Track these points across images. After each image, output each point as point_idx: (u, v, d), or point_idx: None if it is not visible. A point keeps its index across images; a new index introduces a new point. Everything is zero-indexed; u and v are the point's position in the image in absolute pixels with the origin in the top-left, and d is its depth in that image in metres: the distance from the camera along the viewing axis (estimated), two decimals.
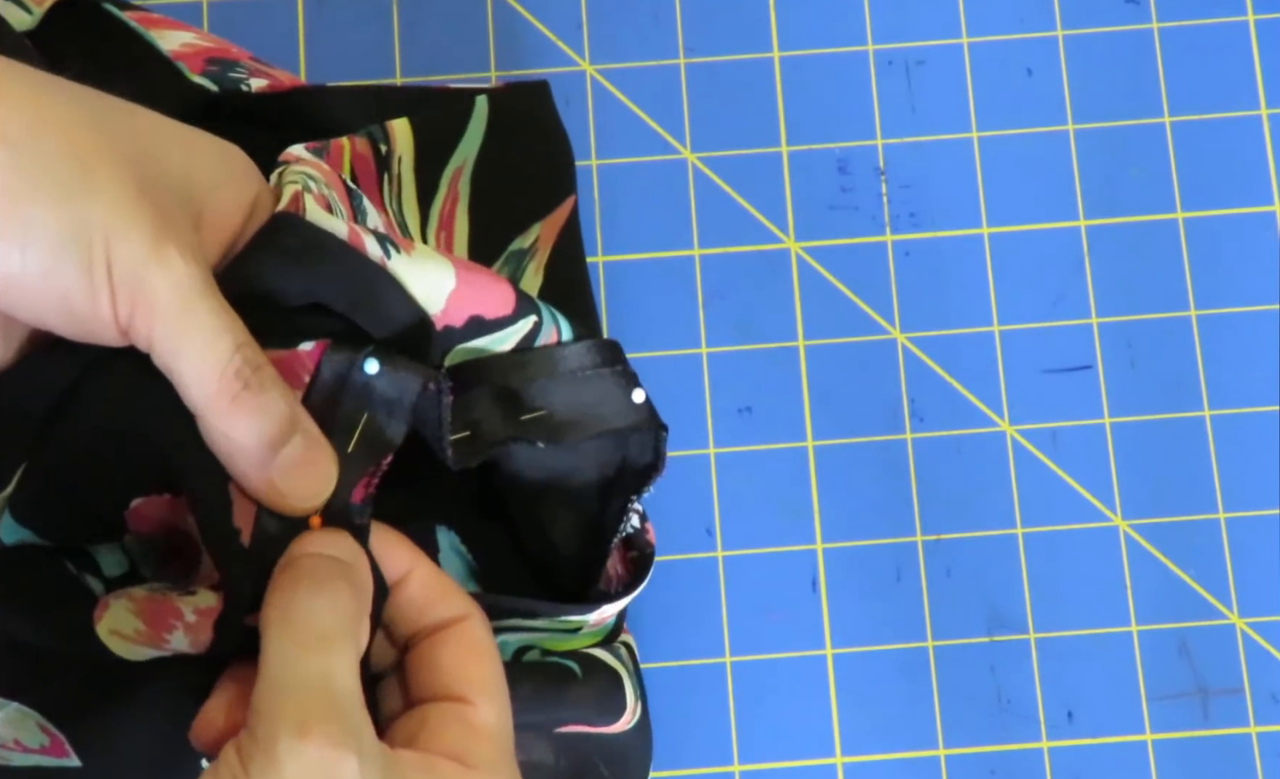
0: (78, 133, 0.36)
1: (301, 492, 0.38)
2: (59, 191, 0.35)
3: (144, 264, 0.36)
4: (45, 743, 0.40)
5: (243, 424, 0.37)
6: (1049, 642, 0.55)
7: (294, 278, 0.40)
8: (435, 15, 0.59)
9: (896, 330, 0.57)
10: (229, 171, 0.41)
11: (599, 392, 0.44)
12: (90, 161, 0.36)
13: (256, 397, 0.37)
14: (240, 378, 0.37)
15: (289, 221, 0.40)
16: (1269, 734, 0.54)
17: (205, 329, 0.37)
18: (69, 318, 0.37)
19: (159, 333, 0.37)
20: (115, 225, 0.36)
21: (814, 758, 0.54)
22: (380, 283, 0.41)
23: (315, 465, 0.39)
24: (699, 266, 0.58)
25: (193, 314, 0.37)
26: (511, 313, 0.43)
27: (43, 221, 0.35)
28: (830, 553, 0.56)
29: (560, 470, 0.46)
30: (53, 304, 0.36)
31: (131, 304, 0.36)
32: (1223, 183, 0.58)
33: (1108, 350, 0.57)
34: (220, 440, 0.38)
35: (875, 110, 0.59)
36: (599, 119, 0.59)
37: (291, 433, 0.38)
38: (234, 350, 0.37)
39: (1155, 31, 0.59)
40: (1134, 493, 0.56)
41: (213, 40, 0.52)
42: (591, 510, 0.46)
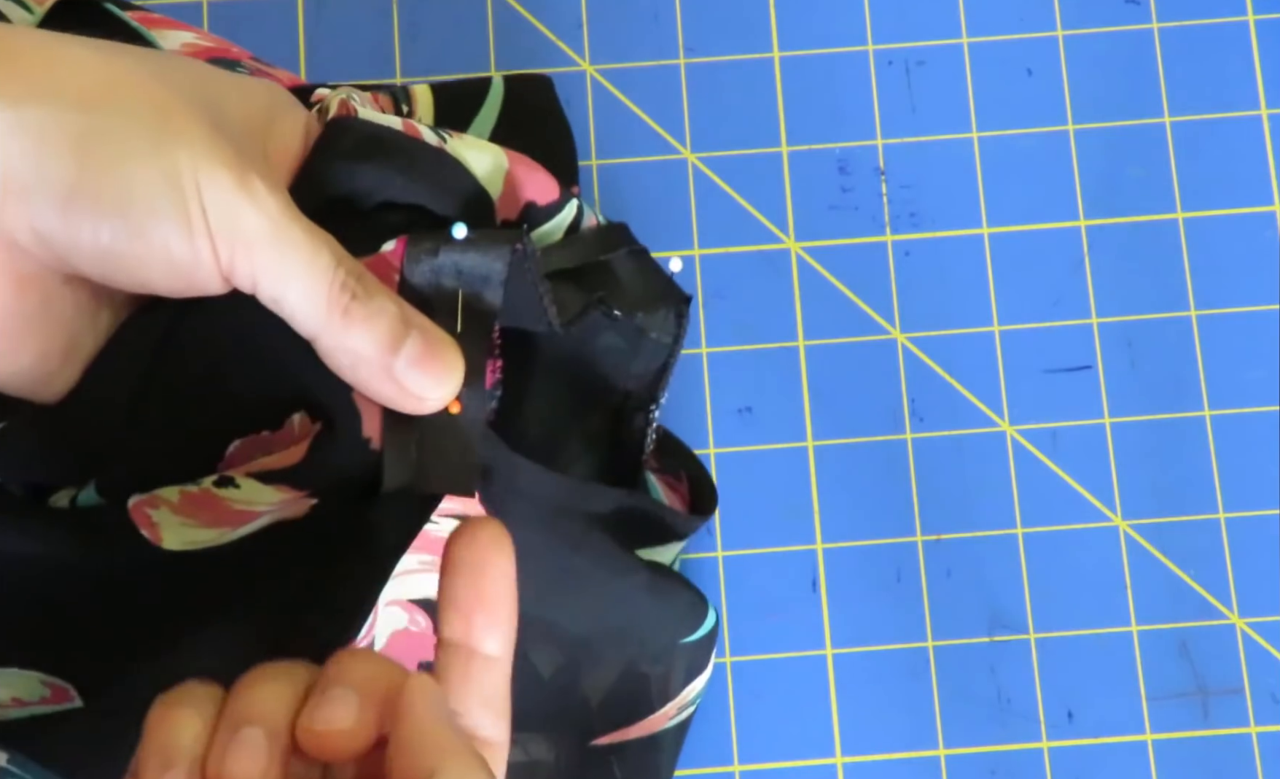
0: (150, 85, 0.37)
1: (433, 384, 0.38)
2: (147, 147, 0.35)
3: (235, 202, 0.36)
4: (46, 694, 0.40)
5: (360, 334, 0.37)
6: (1049, 642, 0.55)
7: (360, 175, 0.40)
8: (435, 15, 0.59)
9: (896, 330, 0.57)
10: (280, 104, 0.42)
11: (644, 264, 0.46)
12: (167, 112, 0.36)
13: (366, 304, 0.37)
14: (347, 289, 0.37)
15: (345, 123, 0.41)
16: (1269, 734, 0.54)
17: (303, 251, 0.37)
18: (171, 273, 0.36)
19: (261, 267, 0.37)
20: (203, 169, 0.36)
21: (814, 758, 0.54)
22: (443, 162, 0.42)
23: (439, 355, 0.38)
24: (699, 266, 0.58)
25: (289, 240, 0.37)
26: (558, 199, 0.44)
27: (138, 179, 0.35)
28: (830, 553, 0.56)
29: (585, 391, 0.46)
30: (155, 261, 0.36)
31: (231, 244, 0.36)
32: (1223, 183, 0.58)
33: (1108, 350, 0.57)
34: (341, 356, 0.38)
35: (875, 110, 0.59)
36: (599, 119, 0.59)
37: (407, 331, 0.38)
38: (335, 265, 0.37)
39: (1155, 31, 0.59)
40: (1134, 493, 0.56)
41: (213, 40, 0.52)
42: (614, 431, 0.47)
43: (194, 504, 0.39)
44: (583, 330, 0.44)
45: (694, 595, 0.49)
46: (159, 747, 0.31)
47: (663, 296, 0.46)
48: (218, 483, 0.39)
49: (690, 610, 0.49)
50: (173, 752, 0.31)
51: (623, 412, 0.48)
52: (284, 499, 0.39)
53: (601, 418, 0.48)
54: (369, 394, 0.38)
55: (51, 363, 0.38)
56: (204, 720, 0.31)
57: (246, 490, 0.39)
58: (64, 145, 0.35)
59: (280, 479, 0.39)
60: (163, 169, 0.35)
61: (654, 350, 0.46)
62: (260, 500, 0.39)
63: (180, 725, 0.31)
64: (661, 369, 0.47)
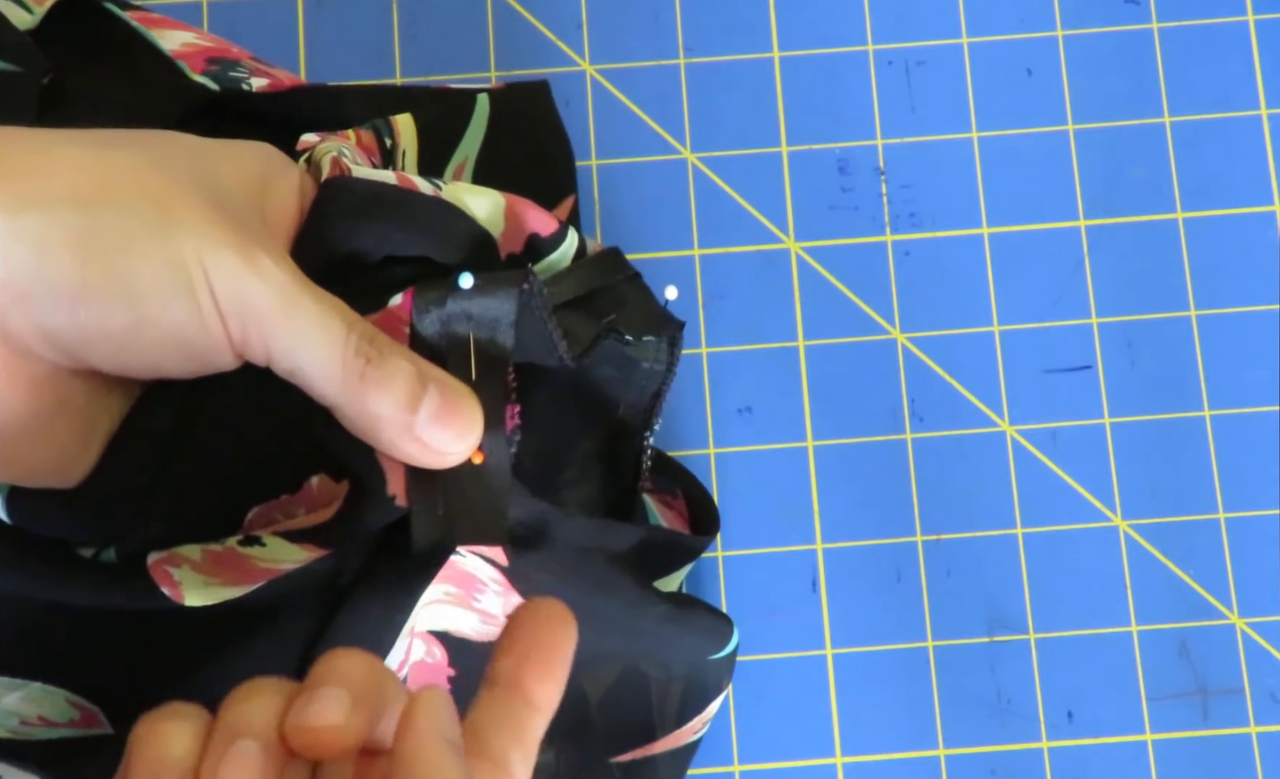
0: (146, 176, 0.37)
1: (454, 438, 0.38)
2: (147, 239, 0.35)
3: (243, 281, 0.36)
4: (75, 717, 0.40)
5: (377, 397, 0.37)
6: (1049, 642, 0.55)
7: (362, 235, 0.40)
8: (435, 15, 0.59)
9: (896, 330, 0.57)
10: (273, 166, 0.42)
11: (639, 289, 0.46)
12: (166, 201, 0.36)
13: (381, 367, 0.37)
14: (361, 354, 0.37)
15: (340, 184, 0.41)
16: (1269, 734, 0.54)
17: (315, 321, 0.37)
18: (184, 356, 0.37)
19: (274, 341, 0.37)
20: (208, 253, 0.36)
21: (814, 758, 0.54)
22: (443, 211, 0.41)
23: (458, 409, 0.38)
24: (699, 266, 0.58)
25: (300, 311, 0.37)
26: (558, 229, 0.44)
27: (143, 272, 0.35)
28: (830, 553, 0.56)
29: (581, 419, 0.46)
30: (168, 348, 0.36)
31: (242, 323, 0.36)
32: (1223, 183, 0.58)
33: (1108, 350, 0.57)
34: (361, 421, 0.38)
35: (875, 110, 0.59)
36: (599, 119, 0.59)
37: (425, 388, 0.38)
38: (347, 331, 0.37)
39: (1155, 31, 0.59)
40: (1134, 493, 0.56)
41: (213, 40, 0.53)
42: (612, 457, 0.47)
43: (217, 563, 0.39)
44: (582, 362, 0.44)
45: (715, 616, 0.49)
46: (147, 760, 0.30)
47: (659, 323, 0.46)
48: (243, 542, 0.39)
49: (713, 629, 0.49)
50: (162, 765, 0.30)
51: (618, 438, 0.47)
52: (308, 558, 0.39)
53: (597, 443, 0.48)
54: (392, 454, 0.38)
55: (70, 451, 0.38)
56: (194, 735, 0.31)
57: (272, 548, 0.39)
58: (64, 248, 0.35)
59: (307, 538, 0.39)
60: (167, 258, 0.35)
61: (647, 378, 0.46)
62: (286, 558, 0.39)
63: (170, 739, 0.30)
64: (655, 396, 0.47)
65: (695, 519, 0.51)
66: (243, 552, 0.39)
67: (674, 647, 0.48)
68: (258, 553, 0.39)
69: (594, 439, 0.47)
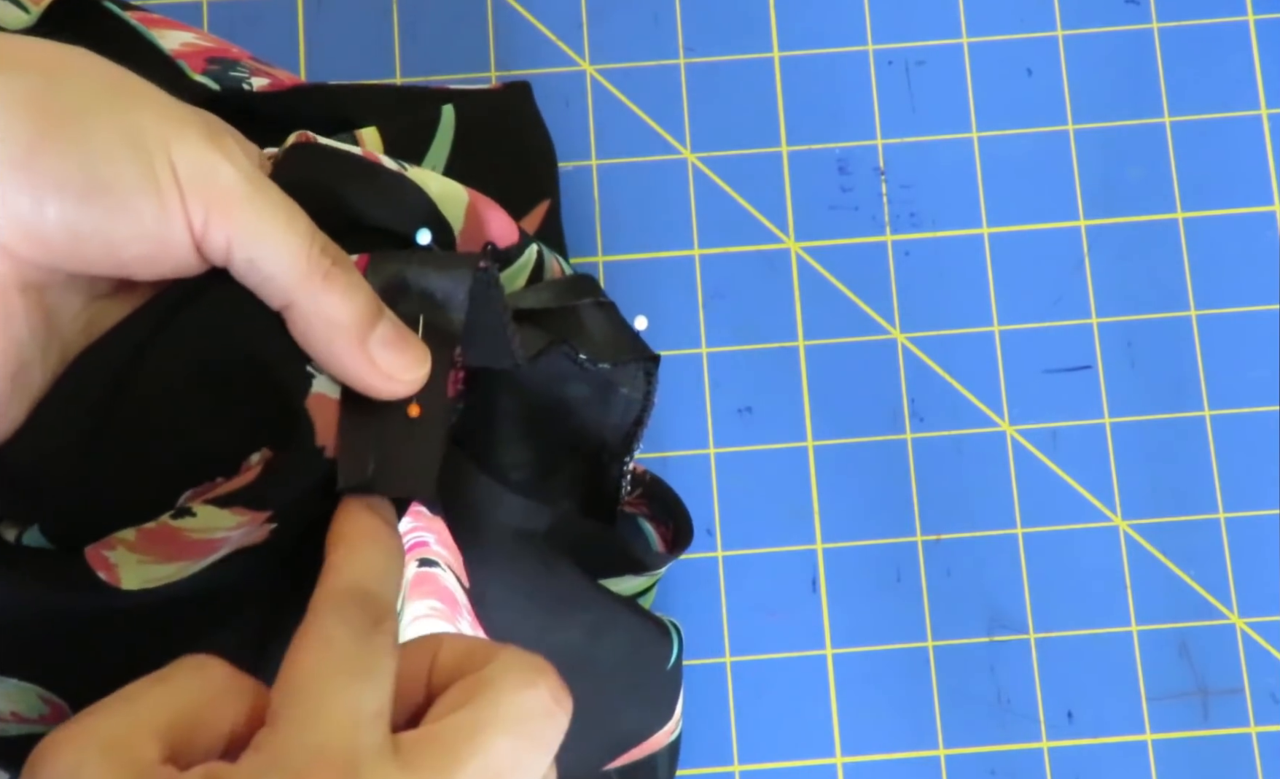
0: (107, 66, 0.36)
1: (403, 364, 0.38)
2: (106, 106, 0.35)
3: (207, 157, 0.35)
4: (45, 712, 0.40)
5: (339, 299, 0.37)
6: (1049, 642, 0.55)
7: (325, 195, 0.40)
8: (435, 15, 0.59)
9: (896, 330, 0.57)
10: (227, 129, 0.41)
11: (611, 317, 0.45)
12: (125, 84, 0.36)
13: (346, 274, 0.37)
14: (327, 254, 0.37)
15: (306, 148, 0.41)
16: (1269, 734, 0.54)
17: (281, 210, 0.36)
18: (141, 237, 0.35)
19: (237, 223, 0.36)
20: (170, 128, 0.35)
21: (814, 758, 0.54)
22: (404, 186, 0.41)
23: (410, 343, 0.38)
24: (699, 266, 0.58)
25: (267, 197, 0.36)
26: (518, 241, 0.44)
27: (98, 137, 0.34)
28: (830, 553, 0.56)
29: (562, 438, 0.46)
30: (123, 225, 0.35)
31: (205, 201, 0.35)
32: (1223, 183, 0.58)
33: (1108, 350, 0.57)
34: (316, 322, 0.37)
35: (875, 110, 0.59)
36: (599, 119, 0.59)
37: (381, 314, 0.38)
38: (313, 229, 0.37)
39: (1155, 31, 0.59)
40: (1134, 493, 0.56)
41: (213, 40, 0.52)
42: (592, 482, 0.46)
43: (151, 540, 0.39)
44: (552, 376, 0.44)
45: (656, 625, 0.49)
46: None
47: (631, 352, 0.45)
48: (174, 515, 0.39)
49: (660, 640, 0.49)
50: None
51: (599, 458, 0.47)
52: (243, 523, 0.38)
53: (579, 464, 0.47)
54: (336, 369, 0.38)
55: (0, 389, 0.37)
56: None
57: (203, 517, 0.38)
58: (21, 103, 0.34)
59: (237, 501, 0.38)
60: (126, 128, 0.35)
61: (626, 406, 0.46)
62: (218, 525, 0.38)
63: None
64: (635, 424, 0.46)
65: (676, 541, 0.51)
66: (175, 525, 0.38)
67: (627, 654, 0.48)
68: (189, 525, 0.38)
69: (575, 460, 0.47)
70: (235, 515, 0.38)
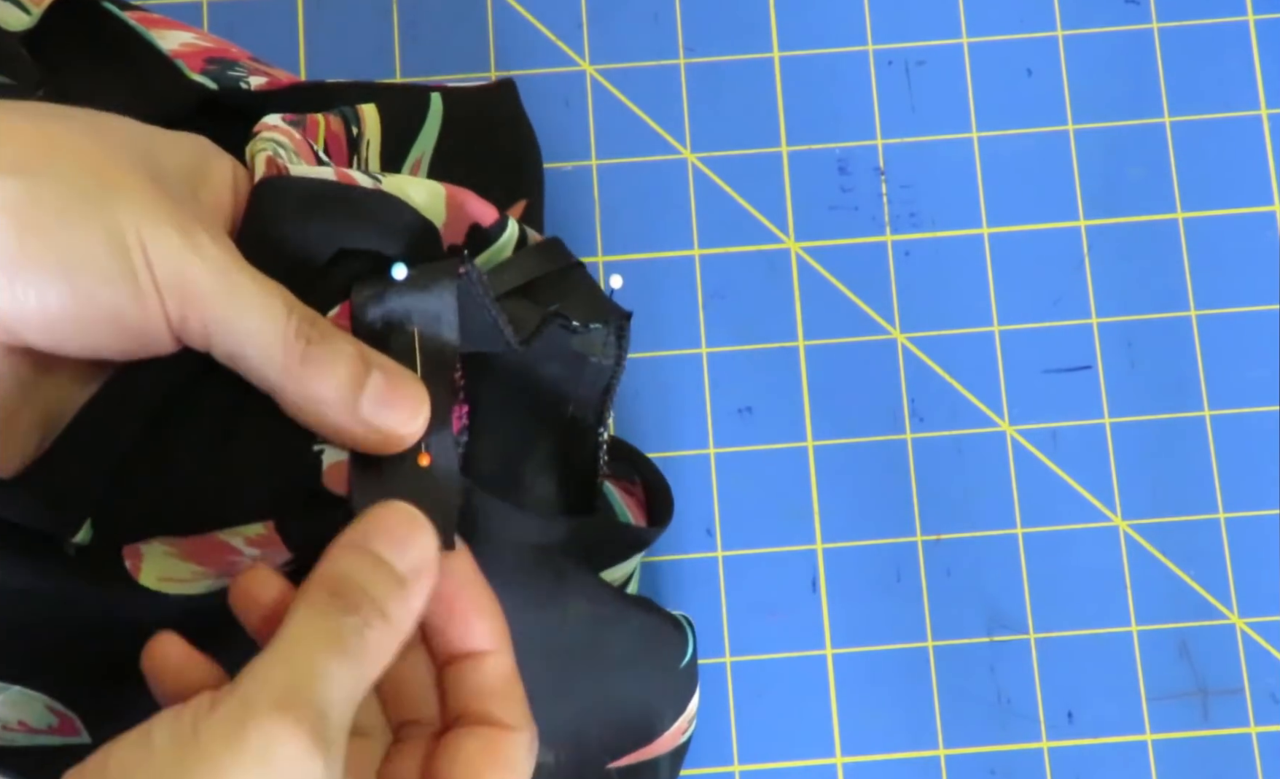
0: (86, 147, 0.36)
1: (399, 420, 0.37)
2: (86, 209, 0.35)
3: (182, 257, 0.36)
4: (54, 723, 0.40)
5: (319, 378, 0.37)
6: (1049, 642, 0.55)
7: (303, 234, 0.40)
8: (435, 15, 0.59)
9: (896, 330, 0.57)
10: (209, 154, 0.41)
11: (584, 277, 0.45)
12: (105, 173, 0.36)
13: (324, 347, 0.37)
14: (302, 335, 0.37)
15: (277, 183, 0.40)
16: (1269, 734, 0.54)
17: (255, 300, 0.36)
18: (120, 333, 0.36)
19: (213, 320, 0.36)
20: (146, 227, 0.35)
21: (814, 758, 0.54)
22: (382, 203, 0.41)
23: (403, 392, 0.38)
24: (699, 266, 0.58)
25: (240, 291, 0.36)
26: (499, 218, 0.44)
27: (78, 243, 0.35)
28: (830, 553, 0.56)
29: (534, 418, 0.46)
30: (103, 324, 0.36)
31: (181, 300, 0.36)
32: (1223, 183, 0.58)
33: (1108, 350, 0.57)
34: (303, 405, 0.37)
35: (875, 110, 0.59)
36: (599, 119, 0.59)
37: (369, 370, 0.37)
38: (288, 312, 0.37)
39: (1155, 31, 0.59)
40: (1134, 493, 0.56)
41: (212, 40, 0.52)
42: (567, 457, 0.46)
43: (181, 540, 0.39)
44: (528, 357, 0.44)
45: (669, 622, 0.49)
46: None
47: (604, 310, 0.45)
48: None
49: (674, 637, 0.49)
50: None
51: (573, 435, 0.47)
52: (263, 536, 0.38)
53: (552, 442, 0.47)
54: (334, 440, 0.38)
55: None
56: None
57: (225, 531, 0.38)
58: (3, 212, 0.34)
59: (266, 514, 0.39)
60: (104, 228, 0.35)
61: (596, 374, 0.46)
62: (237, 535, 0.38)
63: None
64: (605, 391, 0.46)
65: (652, 507, 0.51)
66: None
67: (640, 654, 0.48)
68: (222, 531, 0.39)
69: (549, 438, 0.47)
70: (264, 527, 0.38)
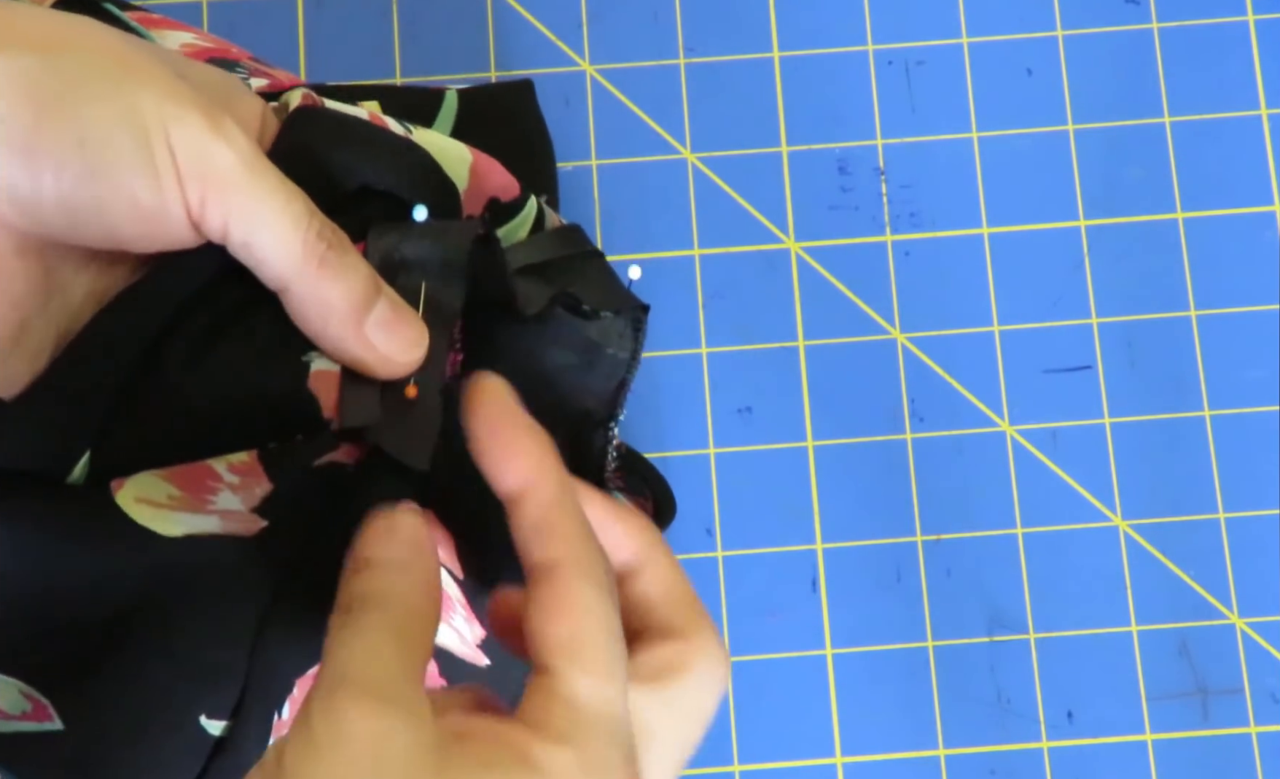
0: (110, 39, 0.36)
1: (399, 346, 0.38)
2: (105, 87, 0.35)
3: (206, 140, 0.35)
4: (28, 709, 0.40)
5: (334, 284, 0.37)
6: (1049, 642, 0.55)
7: (329, 160, 0.40)
8: (435, 15, 0.59)
9: (896, 330, 0.57)
10: (238, 88, 0.41)
11: (602, 267, 0.45)
12: (128, 59, 0.36)
13: (342, 257, 0.37)
14: (323, 239, 0.37)
15: (311, 111, 0.40)
16: (1269, 734, 0.54)
17: (279, 193, 0.36)
18: (138, 218, 0.35)
19: (234, 207, 0.36)
20: (169, 109, 0.35)
21: (814, 758, 0.54)
22: (411, 151, 0.41)
23: (406, 323, 0.38)
24: (699, 266, 0.58)
25: (263, 180, 0.36)
26: (520, 194, 0.44)
27: (96, 118, 0.34)
28: (830, 553, 0.56)
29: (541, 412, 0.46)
30: (120, 207, 0.35)
31: (201, 184, 0.35)
32: (1223, 183, 0.58)
33: (1108, 350, 0.57)
34: (313, 305, 0.37)
35: (875, 110, 0.59)
36: (599, 119, 0.59)
37: (378, 294, 0.38)
38: (310, 212, 0.37)
39: (1155, 31, 0.59)
40: (1134, 493, 0.56)
41: (213, 40, 0.52)
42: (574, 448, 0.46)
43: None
44: (537, 344, 0.44)
45: None
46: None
47: (620, 300, 0.45)
48: None
49: None
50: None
51: (581, 430, 0.47)
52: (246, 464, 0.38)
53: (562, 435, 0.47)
54: (334, 351, 0.38)
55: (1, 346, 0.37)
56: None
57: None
58: (19, 91, 0.34)
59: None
60: (124, 109, 0.35)
61: (611, 366, 0.46)
62: (232, 456, 0.38)
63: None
64: (619, 386, 0.46)
65: (658, 516, 0.51)
66: None
67: None
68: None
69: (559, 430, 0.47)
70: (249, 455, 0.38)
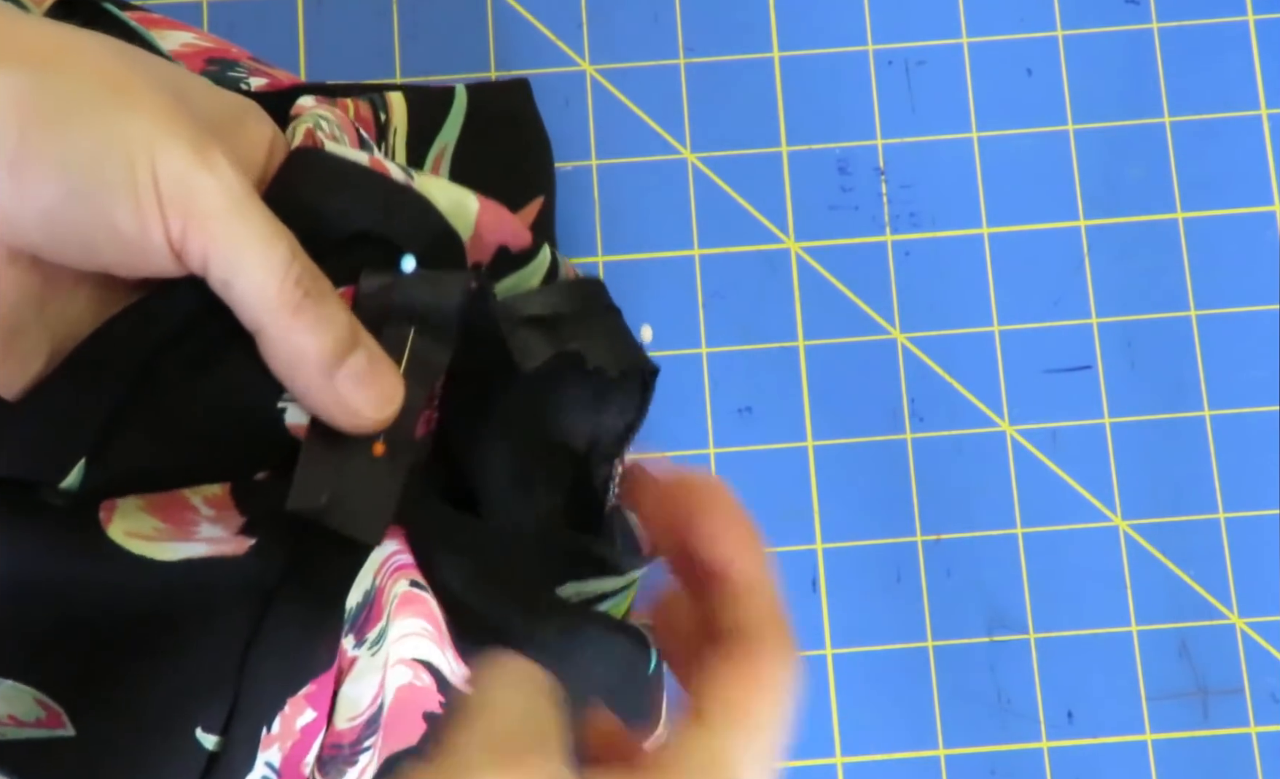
0: (105, 58, 0.36)
1: (370, 402, 0.37)
2: (94, 110, 0.35)
3: (191, 172, 0.35)
4: (41, 716, 0.40)
5: (308, 333, 0.36)
6: (1049, 642, 0.55)
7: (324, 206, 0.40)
8: (435, 15, 0.59)
9: (896, 330, 0.57)
10: (251, 112, 0.41)
11: (617, 324, 0.45)
12: (121, 82, 0.35)
13: (319, 306, 0.36)
14: (301, 285, 0.36)
15: (309, 153, 0.40)
16: (1269, 734, 0.54)
17: (261, 234, 0.36)
18: (119, 245, 0.35)
19: (214, 242, 0.35)
20: (157, 137, 0.35)
21: (814, 758, 0.54)
22: (408, 199, 0.41)
23: (381, 378, 0.37)
24: (699, 266, 0.58)
25: (247, 218, 0.36)
26: (531, 244, 0.43)
27: (81, 140, 0.34)
28: (830, 553, 0.56)
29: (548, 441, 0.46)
30: (100, 230, 0.35)
31: (183, 216, 0.35)
32: (1223, 183, 0.58)
33: (1108, 350, 0.57)
34: (284, 352, 0.37)
35: (875, 110, 0.59)
36: (599, 119, 0.59)
37: (355, 345, 0.37)
38: (291, 257, 0.36)
39: (1155, 31, 0.59)
40: (1134, 493, 0.56)
41: (212, 40, 0.52)
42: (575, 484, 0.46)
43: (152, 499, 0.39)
44: (545, 381, 0.44)
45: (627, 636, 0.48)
46: None
47: (629, 361, 0.45)
48: None
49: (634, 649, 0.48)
50: None
51: (587, 460, 0.47)
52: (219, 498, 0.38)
53: (564, 464, 0.47)
54: (301, 399, 0.37)
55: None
56: None
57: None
58: (8, 105, 0.34)
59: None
60: (111, 133, 0.34)
61: (620, 409, 0.45)
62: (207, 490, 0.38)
63: None
64: (627, 429, 0.46)
65: None
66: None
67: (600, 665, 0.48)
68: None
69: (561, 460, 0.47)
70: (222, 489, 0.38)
